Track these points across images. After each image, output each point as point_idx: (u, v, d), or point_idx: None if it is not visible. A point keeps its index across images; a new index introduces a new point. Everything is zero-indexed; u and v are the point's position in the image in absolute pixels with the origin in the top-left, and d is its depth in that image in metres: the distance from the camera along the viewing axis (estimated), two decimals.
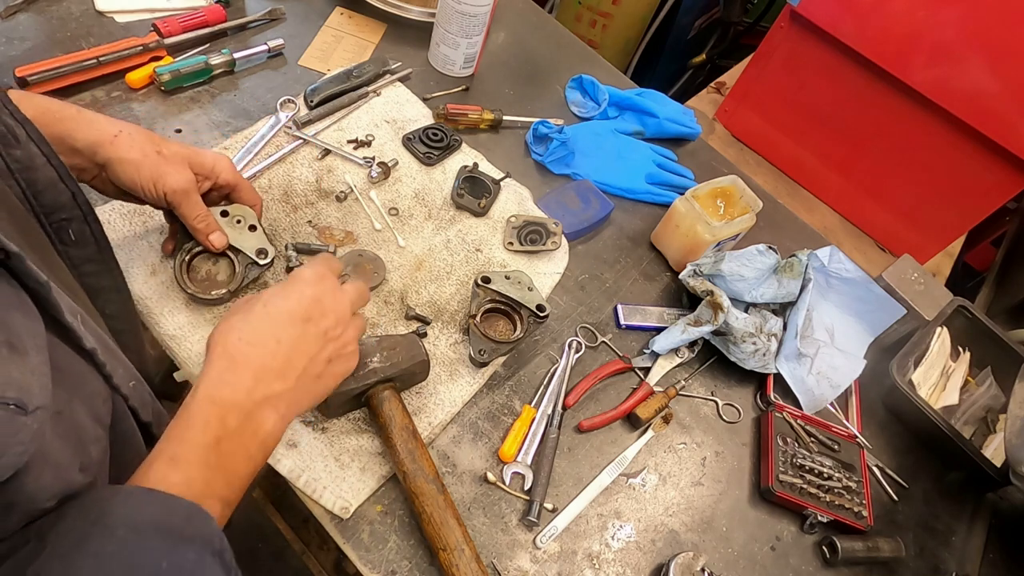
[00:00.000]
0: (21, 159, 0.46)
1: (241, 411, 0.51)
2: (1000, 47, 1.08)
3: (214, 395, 0.51)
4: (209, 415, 0.50)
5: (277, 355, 0.55)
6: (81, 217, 0.50)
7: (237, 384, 0.52)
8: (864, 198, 1.42)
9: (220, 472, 0.49)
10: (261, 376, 0.53)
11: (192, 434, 0.49)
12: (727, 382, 0.95)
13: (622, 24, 2.01)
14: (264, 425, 0.52)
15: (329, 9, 1.13)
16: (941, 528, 0.93)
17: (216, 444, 0.49)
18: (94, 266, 0.53)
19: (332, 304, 0.59)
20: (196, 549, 0.41)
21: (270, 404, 0.53)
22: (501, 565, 0.71)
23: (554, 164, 1.06)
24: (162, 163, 0.65)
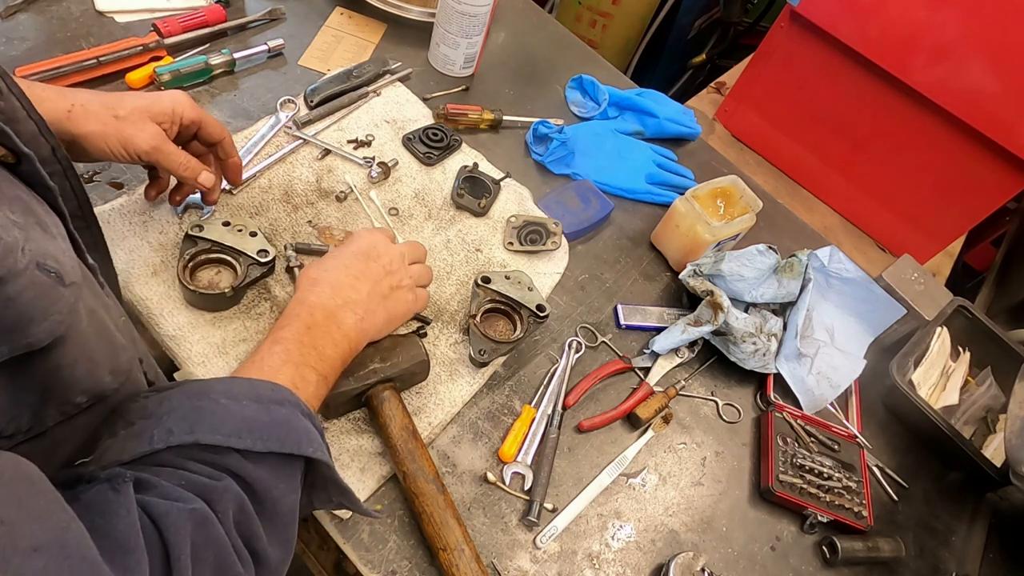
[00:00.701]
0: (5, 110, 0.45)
1: (324, 309, 0.64)
2: (1000, 47, 1.08)
3: (303, 298, 0.65)
4: (300, 311, 0.63)
5: (348, 275, 0.69)
6: (61, 172, 0.50)
7: (320, 293, 0.66)
8: (864, 198, 1.42)
9: (312, 349, 0.60)
10: (337, 288, 0.67)
11: (287, 322, 0.62)
12: (727, 382, 0.95)
13: (622, 24, 2.01)
14: (346, 321, 0.65)
15: (329, 9, 1.13)
16: (941, 528, 0.93)
17: (308, 329, 0.61)
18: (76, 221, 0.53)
19: (385, 249, 0.74)
20: (288, 408, 0.51)
21: (348, 307, 0.66)
22: (501, 565, 0.71)
23: (554, 164, 1.06)
24: (124, 126, 0.66)
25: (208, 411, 0.46)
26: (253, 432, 0.47)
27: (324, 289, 0.66)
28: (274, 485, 0.47)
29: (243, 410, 0.48)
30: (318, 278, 0.67)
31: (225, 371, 0.73)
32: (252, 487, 0.45)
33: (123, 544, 0.36)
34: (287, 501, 0.48)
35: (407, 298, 0.74)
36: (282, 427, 0.49)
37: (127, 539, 0.36)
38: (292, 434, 0.49)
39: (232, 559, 0.42)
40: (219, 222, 0.77)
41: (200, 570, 0.39)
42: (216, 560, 0.41)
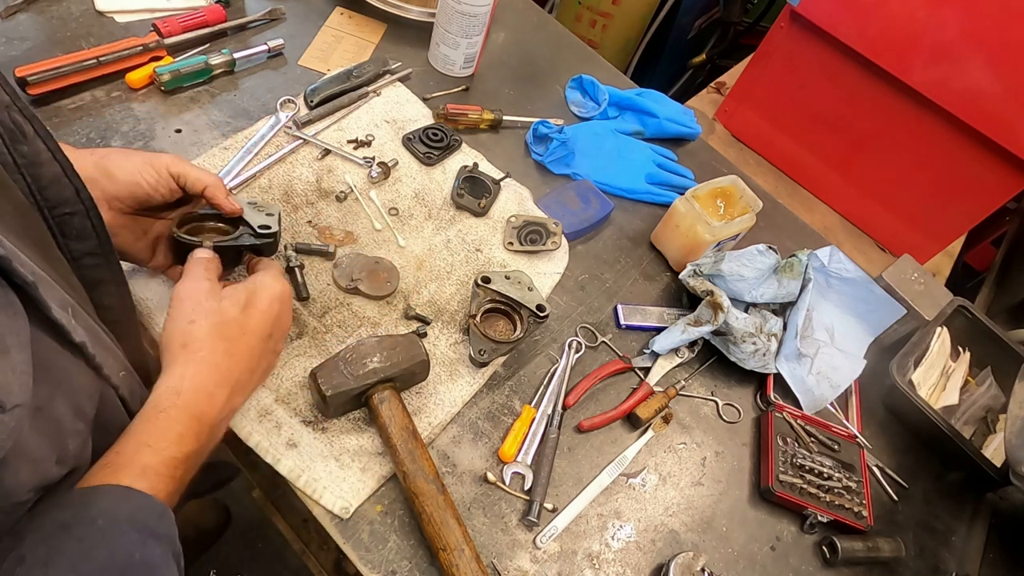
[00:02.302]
0: (28, 155, 0.46)
1: (213, 426, 0.55)
2: (1000, 47, 1.08)
3: (196, 411, 0.54)
4: (188, 429, 0.52)
5: (247, 370, 0.59)
6: (84, 212, 0.51)
7: (216, 399, 0.56)
8: (864, 198, 1.42)
9: (180, 486, 0.51)
10: (235, 392, 0.58)
11: (166, 445, 0.50)
12: (727, 382, 0.95)
13: (622, 24, 2.01)
14: (220, 433, 0.57)
15: (329, 9, 1.13)
16: (941, 528, 0.93)
17: (186, 460, 0.51)
18: (94, 259, 0.54)
19: (286, 323, 0.66)
20: (163, 547, 0.44)
21: (231, 415, 0.58)
22: (501, 565, 0.71)
23: (554, 164, 1.06)
24: (142, 152, 0.67)
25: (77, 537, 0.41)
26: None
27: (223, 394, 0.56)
28: None
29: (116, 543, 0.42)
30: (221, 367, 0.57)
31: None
32: None
33: None
34: None
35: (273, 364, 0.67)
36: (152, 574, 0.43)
37: None
38: None
39: None
40: (246, 200, 0.73)
41: None
42: None
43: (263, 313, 0.62)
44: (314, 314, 0.80)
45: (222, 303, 0.60)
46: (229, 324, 0.59)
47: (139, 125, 0.89)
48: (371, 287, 0.83)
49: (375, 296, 0.83)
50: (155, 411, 0.52)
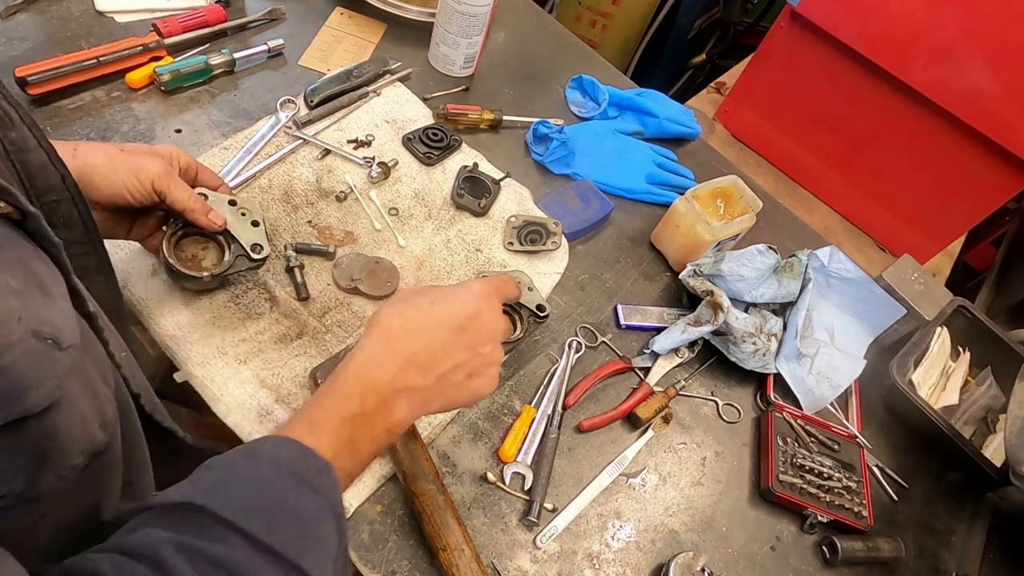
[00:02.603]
0: (16, 141, 0.46)
1: (380, 395, 0.54)
2: (1000, 47, 1.08)
3: (362, 373, 0.54)
4: (352, 390, 0.53)
5: (427, 352, 0.56)
6: (70, 199, 0.50)
7: (384, 368, 0.55)
8: (864, 198, 1.42)
9: (348, 446, 0.52)
10: (407, 367, 0.55)
11: (333, 404, 0.52)
12: (727, 382, 0.95)
13: (622, 24, 2.01)
14: (396, 413, 0.55)
15: (329, 9, 1.13)
16: (941, 528, 0.93)
17: (351, 419, 0.52)
18: (81, 247, 0.54)
19: (489, 323, 0.60)
20: (319, 500, 0.45)
21: (406, 394, 0.55)
22: (501, 565, 0.71)
23: (554, 164, 1.06)
24: (131, 157, 0.66)
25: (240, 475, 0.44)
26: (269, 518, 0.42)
27: (391, 364, 0.55)
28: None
29: (275, 485, 0.44)
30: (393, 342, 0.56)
31: (223, 371, 0.73)
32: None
33: None
34: None
35: (482, 387, 0.60)
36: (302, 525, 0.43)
37: None
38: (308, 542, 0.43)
39: None
40: (226, 199, 0.73)
41: None
42: None
43: (452, 303, 0.59)
44: (314, 314, 0.80)
45: (419, 296, 0.59)
46: (413, 306, 0.58)
47: (139, 125, 0.89)
48: (371, 287, 0.83)
49: (375, 296, 0.83)
50: (330, 381, 0.54)
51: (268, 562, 0.40)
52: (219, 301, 0.77)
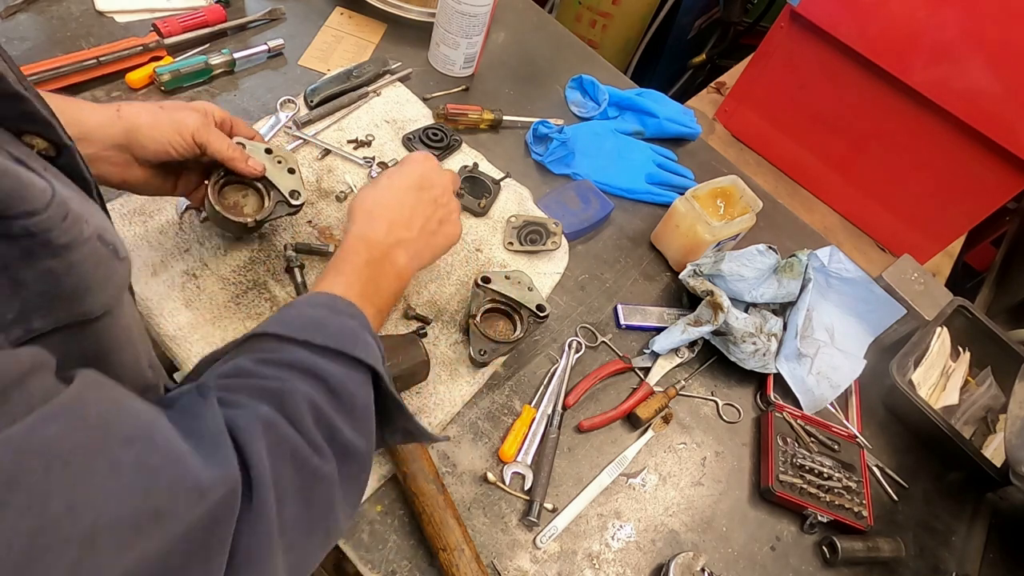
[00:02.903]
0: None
1: (380, 247, 0.65)
2: (1000, 47, 1.08)
3: (361, 234, 0.65)
4: (359, 247, 0.64)
5: (402, 212, 0.69)
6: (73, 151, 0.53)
7: (376, 229, 0.66)
8: (864, 198, 1.42)
9: (371, 283, 0.62)
10: (392, 226, 0.67)
11: (348, 256, 0.63)
12: (727, 382, 0.95)
13: (622, 24, 2.01)
14: (398, 261, 0.66)
15: (329, 9, 1.13)
16: (941, 528, 0.93)
17: (366, 265, 0.63)
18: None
19: (438, 178, 0.73)
20: (357, 322, 0.54)
21: (401, 246, 0.67)
22: (501, 565, 0.71)
23: (554, 164, 1.06)
24: (171, 113, 0.69)
25: (284, 312, 0.52)
26: (319, 330, 0.49)
27: (381, 226, 0.67)
28: (348, 380, 0.49)
29: (315, 312, 0.52)
30: (374, 212, 0.68)
31: None
32: (327, 382, 0.47)
33: (211, 440, 0.39)
34: (362, 396, 0.50)
35: (451, 233, 0.75)
36: (349, 335, 0.51)
37: (215, 436, 0.39)
38: (359, 343, 0.51)
39: (307, 453, 0.43)
40: (262, 147, 0.76)
41: (279, 467, 0.41)
42: (294, 459, 0.42)
43: (404, 175, 0.71)
44: None
45: (378, 181, 0.72)
46: (376, 188, 0.70)
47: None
48: None
49: None
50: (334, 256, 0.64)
51: (330, 358, 0.48)
52: (219, 301, 0.77)
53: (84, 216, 0.36)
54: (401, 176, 0.72)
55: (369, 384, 0.51)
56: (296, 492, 0.42)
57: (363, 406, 0.49)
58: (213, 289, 0.78)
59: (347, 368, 0.49)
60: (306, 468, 0.43)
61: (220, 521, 0.36)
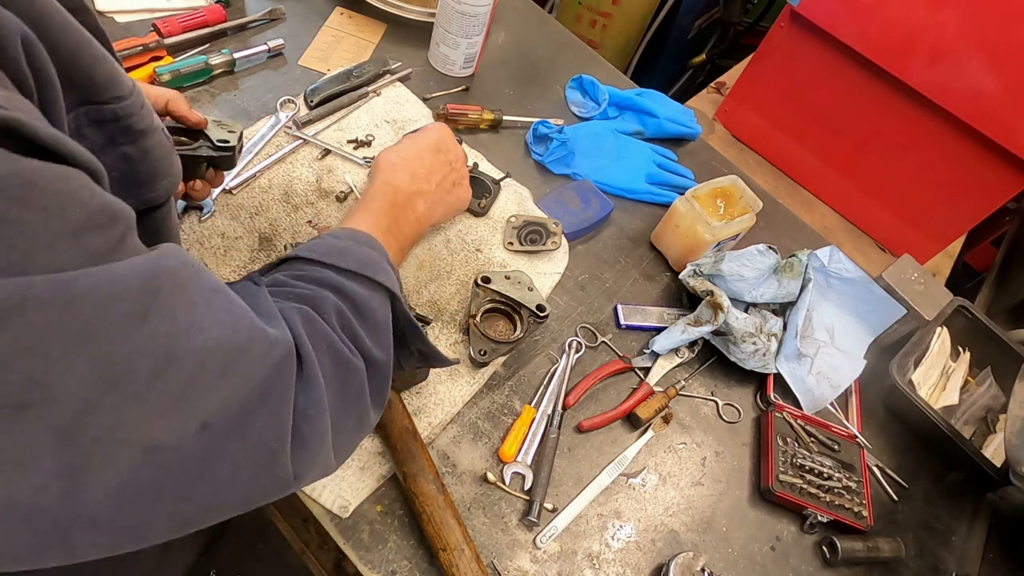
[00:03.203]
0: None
1: (404, 193, 0.74)
2: (1000, 47, 1.08)
3: (388, 180, 0.74)
4: (385, 189, 0.72)
5: (423, 166, 0.78)
6: None
7: (401, 178, 0.75)
8: (864, 198, 1.42)
9: (394, 222, 0.69)
10: (413, 177, 0.76)
11: (375, 195, 0.71)
12: (727, 382, 0.95)
13: (622, 24, 2.01)
14: (417, 208, 0.75)
15: (329, 9, 1.13)
16: (941, 528, 0.93)
17: (391, 206, 0.71)
18: None
19: (452, 145, 0.84)
20: (377, 253, 0.59)
21: (420, 196, 0.76)
22: (501, 565, 0.71)
23: (554, 164, 1.06)
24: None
25: (313, 242, 0.57)
26: (344, 256, 0.55)
27: (404, 176, 0.75)
28: (371, 298, 0.54)
29: (340, 242, 0.57)
30: (398, 164, 0.76)
31: None
32: (351, 298, 0.52)
33: (267, 312, 0.45)
34: (382, 313, 0.55)
35: (463, 196, 0.86)
36: (370, 262, 0.56)
37: (270, 310, 0.45)
38: (379, 270, 0.56)
39: (342, 346, 0.49)
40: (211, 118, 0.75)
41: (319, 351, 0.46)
42: (329, 348, 0.48)
43: (425, 137, 0.82)
44: None
45: (401, 141, 0.81)
46: (400, 147, 0.79)
47: None
48: None
49: None
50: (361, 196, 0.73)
51: (354, 280, 0.54)
52: None
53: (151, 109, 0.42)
54: (423, 138, 0.81)
55: (387, 305, 0.56)
56: (333, 376, 0.47)
57: (383, 322, 0.54)
58: None
59: (369, 289, 0.54)
60: (340, 358, 0.48)
61: (284, 373, 0.42)
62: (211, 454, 0.38)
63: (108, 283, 0.32)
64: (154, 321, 0.34)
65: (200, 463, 0.38)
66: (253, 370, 0.40)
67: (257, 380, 0.40)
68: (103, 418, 0.33)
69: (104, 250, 0.33)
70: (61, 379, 0.31)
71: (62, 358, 0.31)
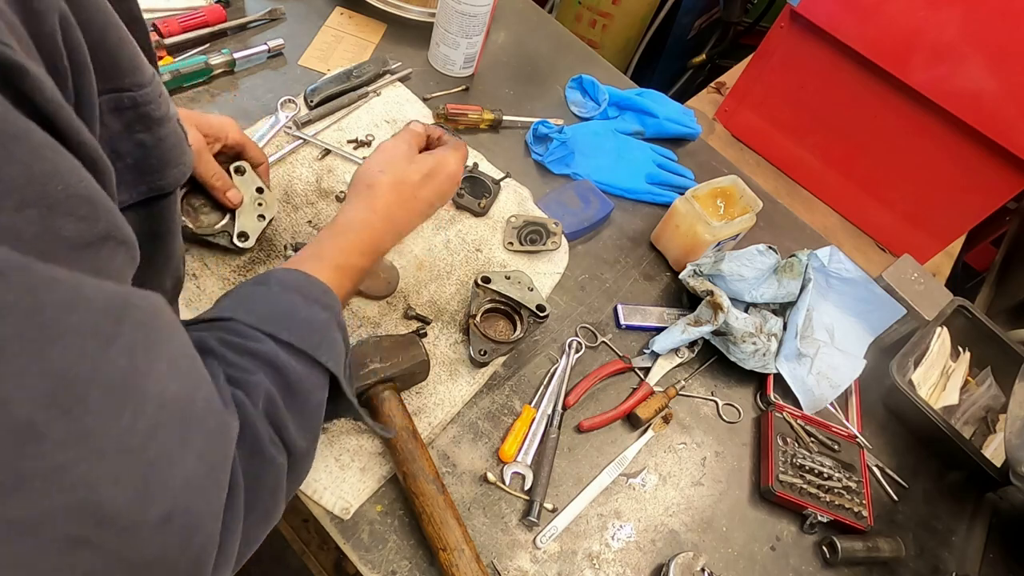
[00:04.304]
0: None
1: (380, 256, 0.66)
2: (1000, 47, 1.08)
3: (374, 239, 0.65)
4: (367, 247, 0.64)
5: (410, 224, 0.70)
6: None
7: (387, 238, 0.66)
8: (864, 198, 1.42)
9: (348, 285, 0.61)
10: (397, 237, 0.68)
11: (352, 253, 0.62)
12: (727, 382, 0.95)
13: (622, 24, 2.01)
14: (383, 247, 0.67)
15: (329, 9, 1.13)
16: (941, 528, 0.93)
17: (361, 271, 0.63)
18: None
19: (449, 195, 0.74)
20: (327, 314, 0.53)
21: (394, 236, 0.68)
22: (501, 565, 0.71)
23: (554, 164, 1.06)
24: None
25: (257, 296, 0.51)
26: (287, 323, 0.49)
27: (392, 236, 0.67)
28: (306, 378, 0.49)
29: (287, 300, 0.52)
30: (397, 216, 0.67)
31: None
32: (286, 377, 0.47)
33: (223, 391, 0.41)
34: (316, 396, 0.50)
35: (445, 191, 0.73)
36: (317, 330, 0.51)
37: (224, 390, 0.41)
38: (323, 344, 0.51)
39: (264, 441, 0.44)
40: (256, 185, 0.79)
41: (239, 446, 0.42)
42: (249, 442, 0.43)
43: (436, 186, 0.71)
44: None
45: (411, 166, 0.69)
46: (407, 185, 0.68)
47: None
48: (371, 287, 0.83)
49: (375, 296, 0.83)
50: (346, 229, 0.63)
51: (293, 355, 0.48)
52: None
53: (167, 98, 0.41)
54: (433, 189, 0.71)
55: (325, 386, 0.51)
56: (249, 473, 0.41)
57: (315, 406, 0.50)
58: (213, 289, 0.78)
59: (307, 367, 0.49)
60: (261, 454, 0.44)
61: (229, 454, 0.38)
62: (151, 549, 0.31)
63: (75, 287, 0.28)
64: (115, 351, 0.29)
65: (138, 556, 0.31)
66: (205, 447, 0.35)
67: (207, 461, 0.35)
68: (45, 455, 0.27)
69: (75, 242, 0.29)
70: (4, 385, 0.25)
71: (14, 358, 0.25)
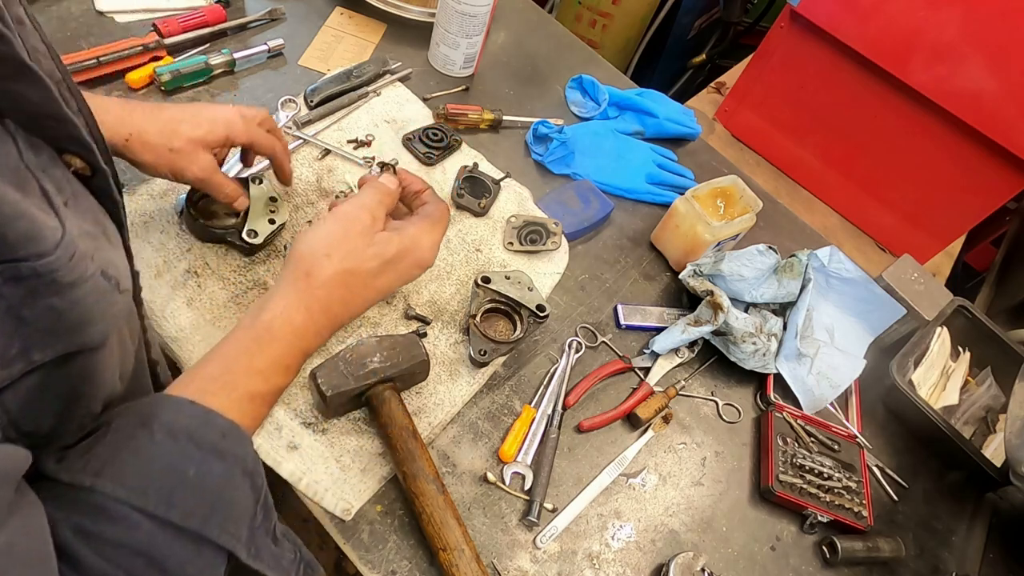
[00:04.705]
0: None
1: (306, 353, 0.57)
2: (1000, 47, 1.08)
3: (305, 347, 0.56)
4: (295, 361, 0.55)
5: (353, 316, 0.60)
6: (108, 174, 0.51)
7: (322, 337, 0.57)
8: (864, 198, 1.42)
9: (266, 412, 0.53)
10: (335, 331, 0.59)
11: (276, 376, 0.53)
12: (727, 382, 0.95)
13: (622, 24, 2.01)
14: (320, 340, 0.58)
15: (329, 9, 1.13)
16: (941, 528, 0.93)
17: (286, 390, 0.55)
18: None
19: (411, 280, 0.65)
20: (226, 464, 0.43)
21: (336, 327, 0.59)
22: (501, 565, 0.71)
23: (554, 164, 1.06)
24: (178, 159, 0.68)
25: (132, 449, 0.41)
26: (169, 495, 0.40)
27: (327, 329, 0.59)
28: (190, 562, 0.40)
29: (172, 457, 0.42)
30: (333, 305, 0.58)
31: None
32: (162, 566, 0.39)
33: None
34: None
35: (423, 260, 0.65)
36: (205, 496, 0.42)
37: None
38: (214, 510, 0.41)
39: None
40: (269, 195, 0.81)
41: None
42: None
43: (399, 273, 0.62)
44: None
45: (368, 249, 0.59)
46: (359, 276, 0.59)
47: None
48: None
49: None
50: (269, 337, 0.54)
51: (172, 536, 0.39)
52: (219, 300, 0.77)
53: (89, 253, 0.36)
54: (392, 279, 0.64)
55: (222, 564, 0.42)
56: None
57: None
58: (213, 288, 0.78)
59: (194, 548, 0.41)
60: None
61: None
62: None
63: None
64: None
65: None
66: None
67: None
68: None
69: None
70: None
71: None
